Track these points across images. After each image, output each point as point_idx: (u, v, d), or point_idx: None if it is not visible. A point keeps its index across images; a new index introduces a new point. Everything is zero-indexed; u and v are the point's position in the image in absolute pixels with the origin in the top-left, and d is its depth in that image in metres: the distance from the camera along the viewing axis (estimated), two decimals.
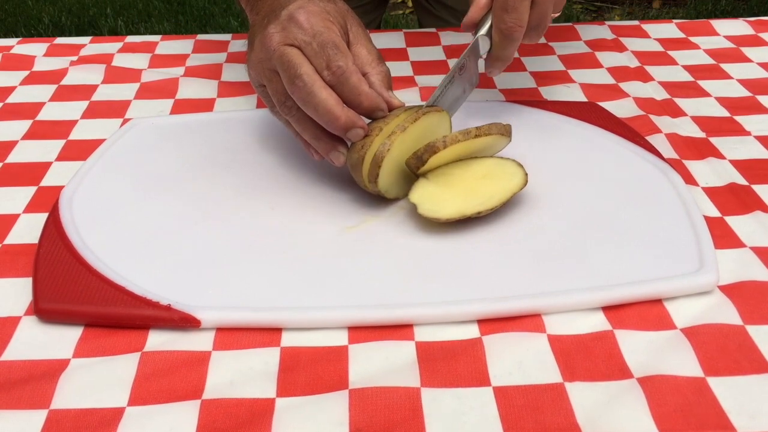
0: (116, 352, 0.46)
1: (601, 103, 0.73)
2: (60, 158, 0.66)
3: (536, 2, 0.60)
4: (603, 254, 0.52)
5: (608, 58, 0.83)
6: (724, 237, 0.55)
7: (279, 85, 0.56)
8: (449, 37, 0.88)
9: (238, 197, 0.60)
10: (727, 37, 0.88)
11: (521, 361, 0.45)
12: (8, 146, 0.68)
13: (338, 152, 0.56)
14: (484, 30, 0.62)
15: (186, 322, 0.47)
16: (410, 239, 0.55)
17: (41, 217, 0.58)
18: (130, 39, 0.90)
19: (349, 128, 0.54)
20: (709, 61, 0.82)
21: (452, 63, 0.82)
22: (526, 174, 0.57)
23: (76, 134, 0.70)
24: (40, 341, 0.47)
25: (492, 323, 0.48)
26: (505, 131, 0.58)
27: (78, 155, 0.66)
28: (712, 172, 0.62)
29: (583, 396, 0.43)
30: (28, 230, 0.57)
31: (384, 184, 0.56)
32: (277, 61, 0.55)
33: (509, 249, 0.53)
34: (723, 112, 0.72)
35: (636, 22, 0.92)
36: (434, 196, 0.55)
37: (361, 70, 0.57)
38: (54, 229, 0.55)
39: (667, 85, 0.77)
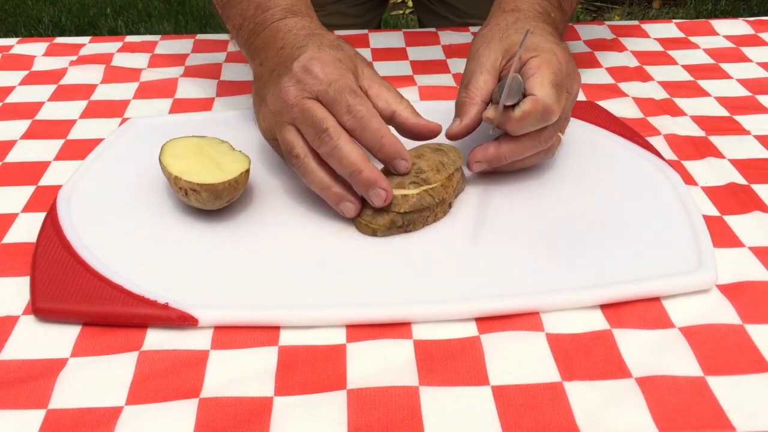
0: (114, 351, 0.46)
1: (600, 103, 0.73)
2: (58, 158, 0.66)
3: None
4: (602, 253, 0.52)
5: (608, 58, 0.83)
6: (723, 236, 0.55)
7: (291, 137, 0.55)
8: (449, 37, 0.88)
9: None
10: (727, 37, 0.88)
11: (520, 360, 0.45)
12: (7, 146, 0.68)
13: (347, 203, 0.55)
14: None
15: (184, 321, 0.47)
16: (408, 237, 0.55)
17: (39, 217, 0.58)
18: (130, 39, 0.90)
19: (371, 184, 0.53)
20: (709, 60, 0.82)
21: (452, 63, 0.82)
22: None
23: (74, 134, 0.70)
24: (37, 340, 0.47)
25: (490, 322, 0.48)
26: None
27: (76, 155, 0.66)
28: (712, 172, 0.62)
29: (581, 395, 0.43)
30: (26, 229, 0.57)
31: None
32: (298, 115, 0.55)
33: (508, 247, 0.53)
34: (722, 112, 0.72)
35: (636, 22, 0.92)
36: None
37: (389, 109, 0.57)
38: (52, 228, 0.55)
39: (666, 85, 0.77)
